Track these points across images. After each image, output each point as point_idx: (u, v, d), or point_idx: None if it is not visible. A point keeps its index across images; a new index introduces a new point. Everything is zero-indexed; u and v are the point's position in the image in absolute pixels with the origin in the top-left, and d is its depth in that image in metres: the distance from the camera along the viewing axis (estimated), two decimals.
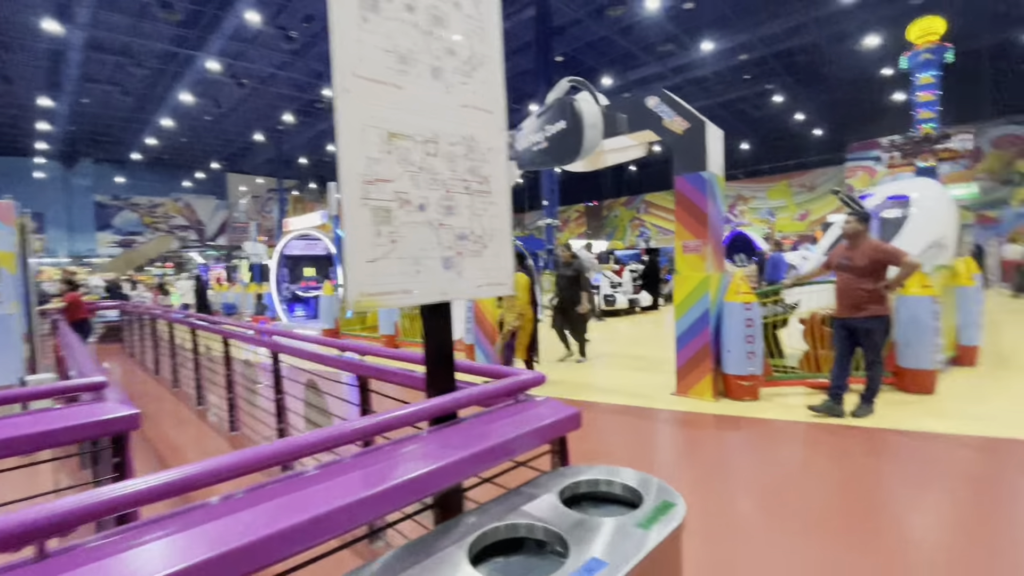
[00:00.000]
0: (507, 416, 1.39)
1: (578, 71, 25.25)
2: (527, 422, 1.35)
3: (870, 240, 3.88)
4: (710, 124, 4.60)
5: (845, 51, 21.96)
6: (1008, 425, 3.61)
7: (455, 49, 1.27)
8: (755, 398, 4.42)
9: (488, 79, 1.35)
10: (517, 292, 4.88)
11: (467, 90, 1.30)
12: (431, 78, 1.22)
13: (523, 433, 1.28)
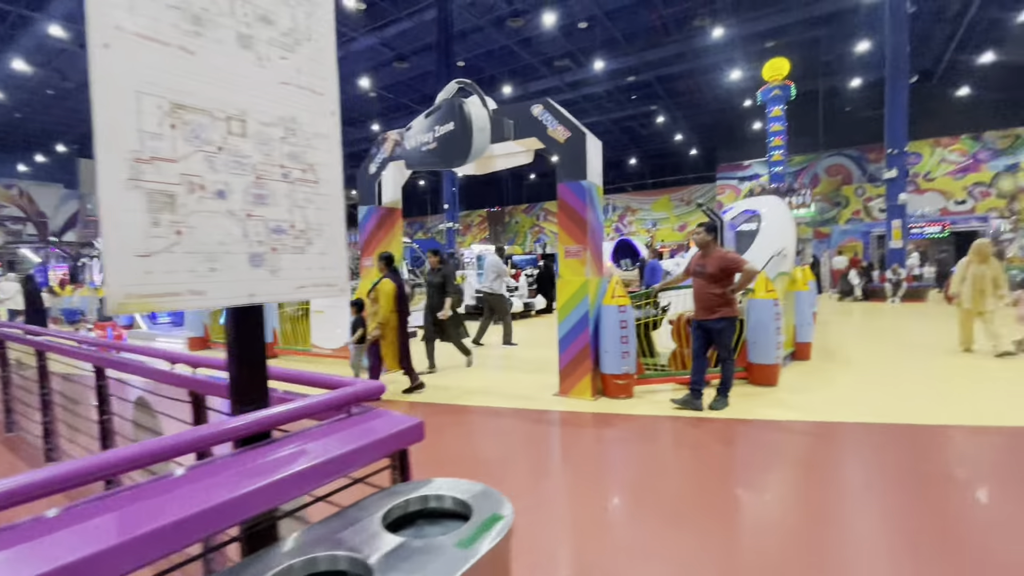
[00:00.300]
0: (337, 431, 1.25)
1: (479, 77, 25.45)
2: (359, 437, 1.22)
3: (718, 249, 4.29)
4: (590, 135, 4.78)
5: (715, 82, 24.48)
6: (834, 411, 4.16)
7: (270, 18, 1.11)
8: (629, 395, 4.66)
9: (316, 57, 1.21)
10: (380, 299, 4.65)
11: (288, 66, 1.15)
12: (237, 47, 1.05)
13: (352, 450, 1.15)
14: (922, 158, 22.92)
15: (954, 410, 4.10)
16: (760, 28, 19.85)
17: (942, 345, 6.90)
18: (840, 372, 5.55)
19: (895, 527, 2.39)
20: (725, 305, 4.10)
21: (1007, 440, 3.50)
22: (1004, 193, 21.66)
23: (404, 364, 5.03)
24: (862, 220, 23.59)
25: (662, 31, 20.67)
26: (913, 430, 3.71)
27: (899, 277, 13.33)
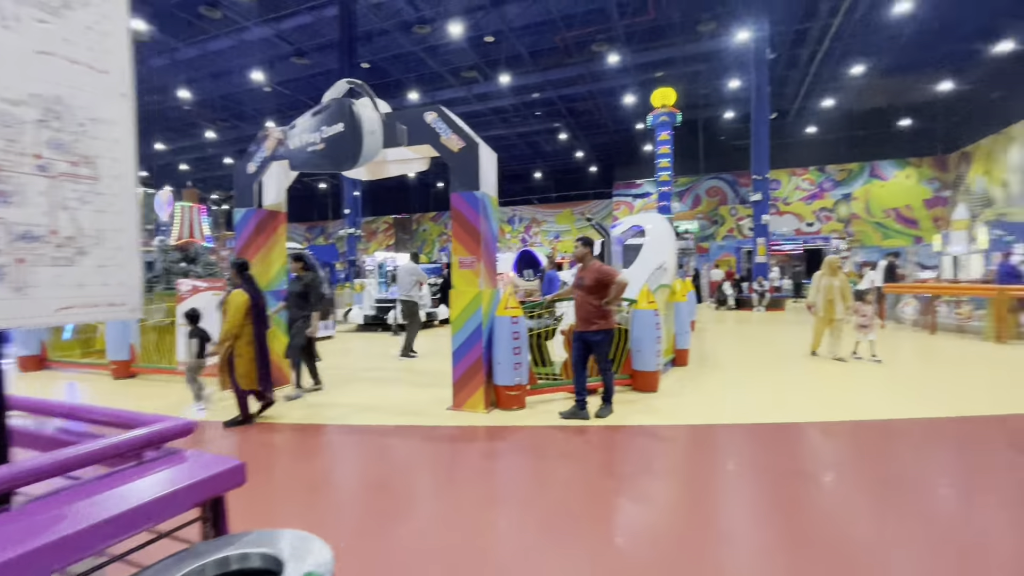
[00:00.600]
0: (129, 479, 1.01)
1: (385, 81, 24.73)
2: (157, 486, 1.00)
3: (595, 262, 4.38)
4: (484, 145, 4.75)
5: (612, 104, 26.03)
6: (706, 414, 4.46)
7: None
8: (522, 406, 4.64)
9: (97, 26, 0.98)
10: (229, 312, 4.17)
11: (49, 33, 0.91)
12: None
13: (133, 508, 0.93)
14: (781, 184, 26.13)
15: (812, 408, 4.59)
16: (650, 59, 21.46)
17: (800, 350, 7.80)
18: (713, 376, 6.02)
19: (762, 521, 2.56)
20: (602, 318, 4.21)
21: (850, 432, 3.97)
22: (842, 218, 25.36)
23: (262, 384, 4.33)
24: (735, 237, 26.30)
25: (564, 52, 21.56)
26: (774, 429, 4.08)
27: (763, 288, 15.02)
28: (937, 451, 3.65)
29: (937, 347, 8.07)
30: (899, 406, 4.61)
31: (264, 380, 4.37)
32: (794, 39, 20.10)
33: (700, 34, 19.59)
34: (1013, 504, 2.74)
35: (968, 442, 3.73)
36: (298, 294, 5.28)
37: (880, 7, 17.58)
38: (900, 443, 3.78)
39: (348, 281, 17.84)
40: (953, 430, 4.01)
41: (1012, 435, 3.86)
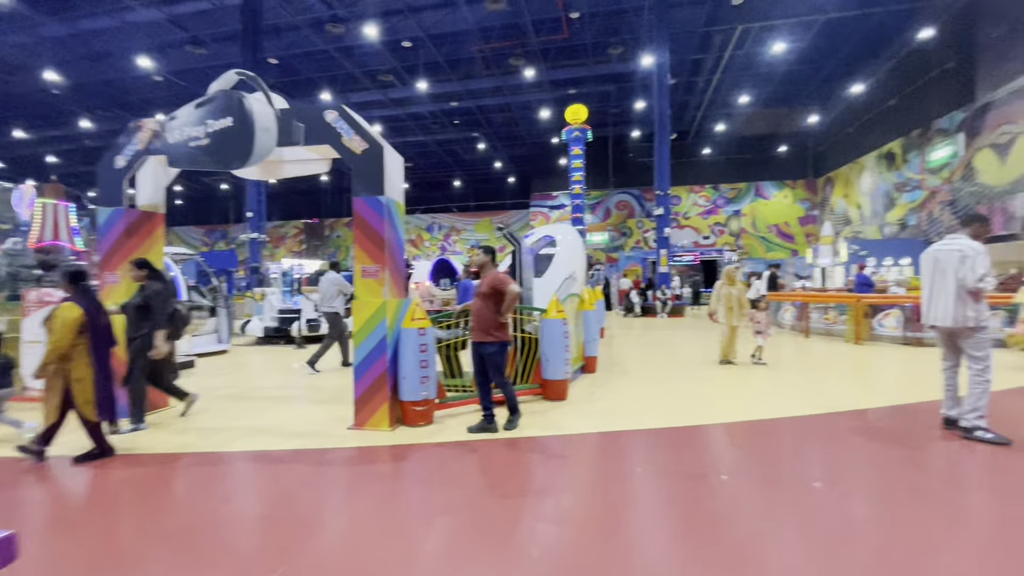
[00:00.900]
0: None
1: (295, 80, 23.34)
2: None
3: (493, 271, 4.25)
4: (390, 149, 4.50)
5: (529, 118, 26.58)
6: (614, 421, 4.51)
7: None
8: (430, 422, 4.42)
9: None
10: (55, 328, 3.45)
11: None
12: None
13: None
14: (681, 200, 28.13)
15: (710, 411, 4.81)
16: (565, 76, 22.21)
17: (700, 354, 8.27)
18: (620, 382, 6.18)
19: (664, 524, 2.56)
20: (497, 328, 4.08)
21: (746, 431, 4.19)
22: (733, 232, 27.80)
23: (102, 413, 3.61)
24: (642, 248, 27.87)
25: (482, 64, 21.67)
26: (677, 432, 4.21)
27: (666, 296, 15.99)
28: (814, 445, 3.95)
29: (811, 349, 8.98)
30: (785, 406, 4.99)
31: (104, 408, 3.62)
32: (691, 68, 21.83)
33: (610, 56, 20.62)
34: (874, 489, 3.01)
35: (836, 434, 4.09)
36: (137, 307, 4.38)
37: (760, 45, 19.59)
38: (785, 440, 4.06)
39: (249, 290, 16.42)
40: (825, 425, 4.40)
41: (868, 426, 4.30)
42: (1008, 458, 3.50)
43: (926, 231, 18.54)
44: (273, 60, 21.37)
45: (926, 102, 18.54)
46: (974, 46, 16.78)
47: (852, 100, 22.61)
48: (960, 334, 4.00)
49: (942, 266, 4.02)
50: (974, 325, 3.89)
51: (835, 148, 24.98)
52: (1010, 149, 15.47)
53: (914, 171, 19.29)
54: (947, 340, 4.16)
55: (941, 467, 3.53)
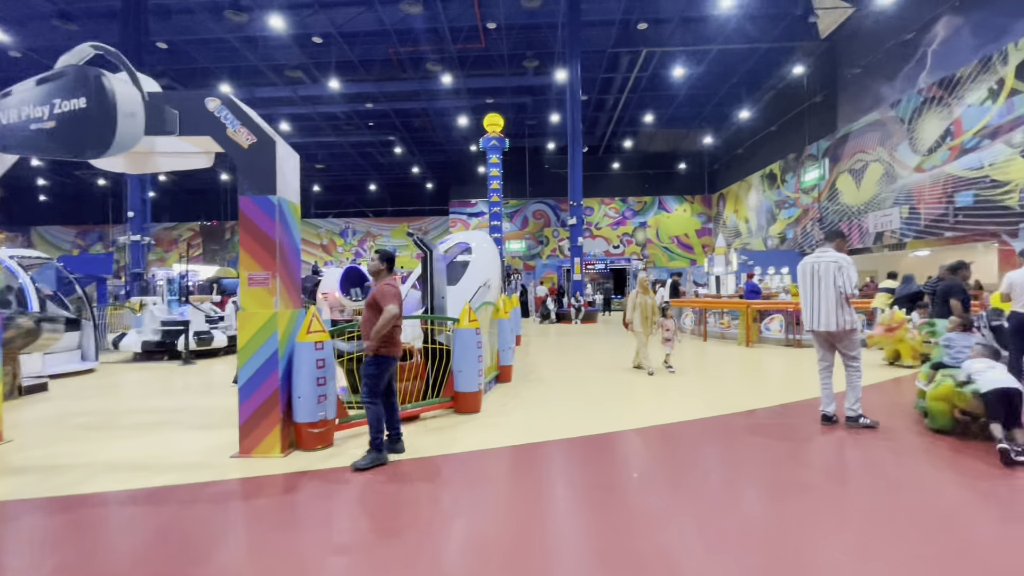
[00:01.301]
0: None
1: (189, 69, 21.16)
2: None
3: (384, 280, 3.76)
4: (284, 145, 4.05)
5: (448, 125, 26.28)
6: (528, 433, 4.36)
7: None
8: (329, 444, 4.00)
9: None
10: None
11: None
12: None
13: None
14: (593, 211, 29.26)
15: (622, 418, 4.83)
16: (482, 85, 22.24)
17: (611, 360, 8.44)
18: (535, 391, 6.09)
19: (576, 538, 2.42)
20: (380, 342, 3.57)
21: (658, 436, 4.23)
22: (639, 242, 29.41)
23: None
24: (558, 256, 28.57)
25: (398, 66, 21.06)
26: (589, 441, 4.15)
27: (579, 303, 16.44)
28: (715, 446, 4.08)
29: (708, 352, 9.57)
30: (690, 409, 5.16)
31: None
32: (602, 86, 22.84)
33: (526, 69, 20.96)
34: (769, 482, 3.12)
35: (735, 434, 4.28)
36: None
37: (662, 68, 20.96)
38: (690, 442, 4.16)
39: (128, 299, 14.42)
40: (724, 426, 4.59)
41: (761, 424, 4.56)
42: (879, 440, 3.85)
43: (801, 244, 20.82)
44: (162, 44, 19.25)
45: (800, 130, 20.89)
46: (836, 83, 19.19)
47: (741, 124, 24.95)
48: (838, 337, 4.41)
49: (821, 276, 4.40)
50: (850, 328, 4.33)
51: (727, 167, 27.39)
52: (863, 174, 17.83)
53: (791, 191, 21.61)
54: (825, 343, 4.55)
55: (827, 458, 3.79)
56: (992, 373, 3.85)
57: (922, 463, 3.61)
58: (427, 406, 4.71)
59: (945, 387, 4.14)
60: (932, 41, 15.36)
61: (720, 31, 18.52)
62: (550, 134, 27.30)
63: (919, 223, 15.51)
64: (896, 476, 3.35)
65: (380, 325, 3.51)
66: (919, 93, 15.49)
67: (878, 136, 17.12)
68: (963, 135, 13.92)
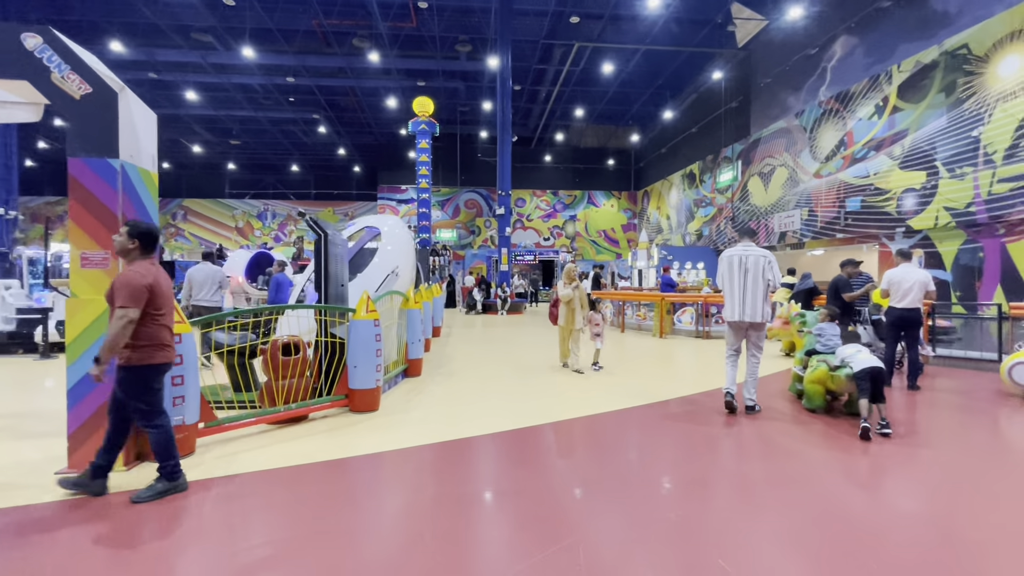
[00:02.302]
0: None
1: (70, 21, 18.47)
2: None
3: (133, 266, 2.87)
4: (135, 100, 3.38)
5: (376, 106, 25.00)
6: (423, 432, 4.02)
7: None
8: (188, 452, 3.43)
9: None
10: None
11: None
12: None
13: None
14: (525, 203, 29.25)
15: (532, 413, 4.59)
16: (413, 66, 21.28)
17: (533, 353, 8.24)
18: (444, 386, 5.75)
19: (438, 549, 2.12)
20: (129, 347, 2.75)
21: (566, 430, 4.03)
22: (569, 235, 29.81)
23: None
24: (489, 247, 28.28)
25: (322, 40, 19.63)
26: (489, 440, 3.88)
27: (506, 294, 16.28)
28: (627, 435, 3.97)
29: (625, 343, 9.70)
30: (606, 401, 5.05)
31: None
32: (535, 77, 22.68)
33: (458, 53, 20.31)
34: (686, 467, 3.02)
35: (646, 424, 4.20)
36: None
37: (593, 64, 21.16)
38: (600, 435, 4.01)
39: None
40: (641, 415, 4.52)
41: (670, 413, 4.54)
42: (768, 421, 3.94)
43: (715, 241, 21.99)
44: None
45: (717, 133, 21.95)
46: (751, 90, 20.31)
47: (665, 124, 25.86)
48: (756, 327, 4.54)
49: (748, 268, 4.46)
50: (766, 320, 4.50)
51: (651, 165, 28.35)
52: (771, 177, 19.05)
53: (707, 190, 22.72)
54: (741, 333, 4.64)
55: (731, 440, 3.79)
56: (861, 355, 4.28)
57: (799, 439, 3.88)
58: (316, 405, 4.23)
59: (820, 372, 4.55)
60: (832, 57, 16.60)
61: (648, 31, 18.92)
62: (483, 122, 26.82)
63: (816, 224, 16.81)
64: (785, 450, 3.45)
65: (111, 336, 2.63)
66: (819, 105, 16.70)
67: (784, 142, 18.33)
68: (854, 146, 15.19)
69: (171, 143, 27.54)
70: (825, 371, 4.50)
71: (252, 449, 3.57)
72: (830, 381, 4.48)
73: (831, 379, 4.47)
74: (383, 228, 6.32)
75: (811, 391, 4.61)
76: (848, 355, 4.37)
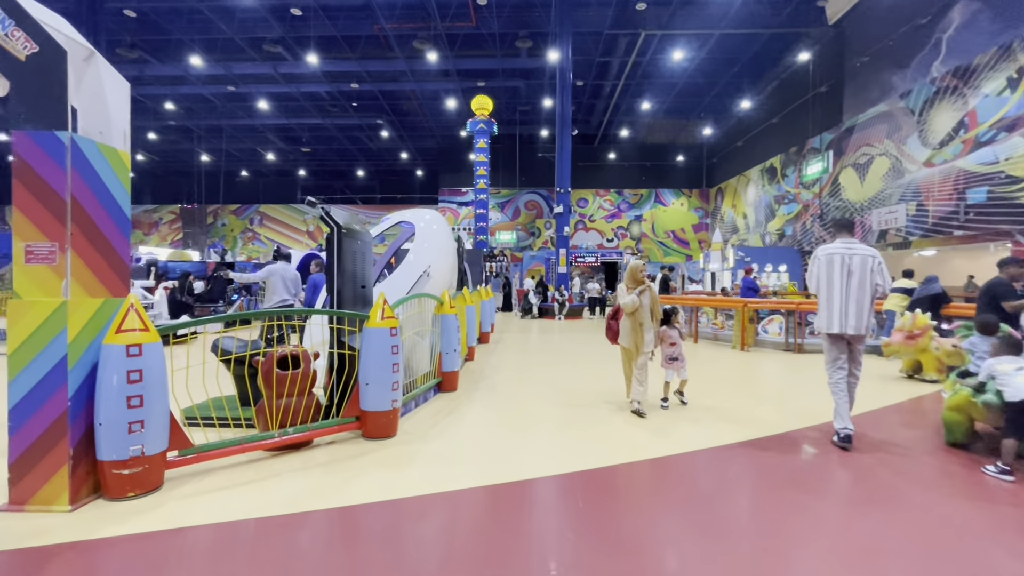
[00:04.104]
0: None
1: (162, 41, 19.69)
2: None
3: None
4: (106, 66, 2.80)
5: (437, 108, 24.90)
6: (442, 472, 3.16)
7: None
8: (153, 487, 2.79)
9: None
10: None
11: None
12: None
13: None
14: (588, 203, 27.99)
15: (580, 452, 3.62)
16: (473, 67, 20.85)
17: (592, 369, 7.18)
18: (480, 406, 4.84)
19: None
20: None
21: (630, 478, 3.04)
22: (634, 236, 28.15)
23: None
24: (549, 248, 27.32)
25: (384, 44, 19.69)
26: (519, 489, 2.96)
27: (564, 297, 15.21)
28: (742, 488, 2.89)
29: (703, 356, 8.28)
30: (685, 436, 3.96)
31: None
32: (599, 71, 21.47)
33: (519, 50, 19.59)
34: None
35: (755, 468, 3.09)
36: None
37: (661, 53, 19.62)
38: (690, 484, 2.95)
39: None
40: (738, 457, 3.40)
41: (774, 457, 3.37)
42: (899, 463, 2.67)
43: (800, 241, 19.61)
44: (130, 13, 17.80)
45: (802, 122, 19.60)
46: (842, 73, 17.89)
47: (741, 116, 23.62)
48: (858, 341, 3.66)
49: (853, 270, 3.57)
50: (870, 334, 3.70)
51: (726, 160, 26.08)
52: (868, 169, 16.61)
53: (791, 185, 20.37)
54: (843, 347, 3.69)
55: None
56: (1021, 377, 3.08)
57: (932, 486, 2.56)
58: (319, 430, 3.50)
59: (961, 396, 3.56)
60: (948, 26, 14.08)
61: (723, 14, 17.18)
62: (544, 121, 25.94)
63: (927, 220, 14.32)
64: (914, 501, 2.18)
65: None
66: (932, 83, 14.24)
67: (886, 128, 15.89)
68: (978, 127, 12.70)
69: (249, 152, 29.11)
70: (967, 396, 3.52)
71: (228, 487, 2.88)
72: (973, 409, 3.50)
73: (974, 407, 3.48)
74: (418, 224, 5.57)
75: (950, 421, 3.63)
76: (1001, 372, 3.22)
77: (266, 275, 5.92)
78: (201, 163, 28.86)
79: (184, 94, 22.44)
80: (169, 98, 23.01)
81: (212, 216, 30.70)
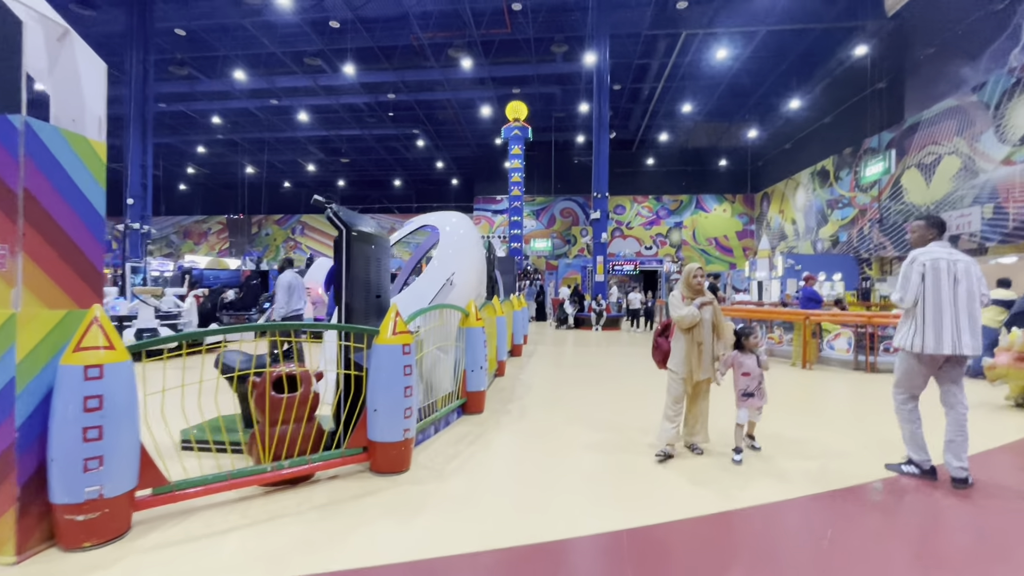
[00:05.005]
0: None
1: (209, 57, 20.33)
2: None
3: None
4: (81, 46, 2.42)
5: (472, 117, 24.72)
6: (455, 523, 2.58)
7: None
8: (116, 534, 2.33)
9: None
10: None
11: None
12: None
13: None
14: (625, 210, 27.07)
15: (623, 504, 2.98)
16: (508, 73, 20.52)
17: (634, 388, 6.49)
18: (508, 432, 4.22)
19: None
20: None
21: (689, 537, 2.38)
22: (674, 243, 26.99)
23: None
24: (585, 256, 26.53)
25: (420, 54, 19.64)
26: (538, 553, 2.34)
27: (601, 307, 14.42)
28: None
29: None
30: (748, 484, 3.24)
31: None
32: (637, 74, 20.70)
33: (554, 55, 19.11)
34: None
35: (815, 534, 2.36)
36: None
37: (703, 53, 18.66)
38: (758, 547, 2.27)
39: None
40: (797, 516, 2.67)
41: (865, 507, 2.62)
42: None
43: (856, 248, 18.10)
44: (180, 31, 18.46)
45: (858, 121, 18.15)
46: (904, 67, 16.44)
47: (789, 117, 22.24)
48: (959, 363, 3.11)
49: (959, 278, 3.02)
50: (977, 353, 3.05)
51: (772, 164, 24.65)
52: (935, 169, 15.09)
53: (845, 188, 18.89)
54: (931, 371, 3.14)
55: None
56: None
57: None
58: (320, 463, 2.99)
59: None
60: None
61: (769, 10, 16.13)
62: (580, 127, 25.32)
63: (1006, 224, 12.77)
64: None
65: None
66: (1010, 73, 12.75)
67: (955, 124, 14.39)
68: None
69: (291, 163, 29.84)
70: None
71: (204, 536, 2.39)
72: None
73: None
74: (443, 228, 5.05)
75: None
76: None
77: (286, 289, 5.72)
78: (246, 175, 29.79)
79: (231, 108, 23.13)
80: (217, 112, 23.79)
81: (256, 226, 31.62)
